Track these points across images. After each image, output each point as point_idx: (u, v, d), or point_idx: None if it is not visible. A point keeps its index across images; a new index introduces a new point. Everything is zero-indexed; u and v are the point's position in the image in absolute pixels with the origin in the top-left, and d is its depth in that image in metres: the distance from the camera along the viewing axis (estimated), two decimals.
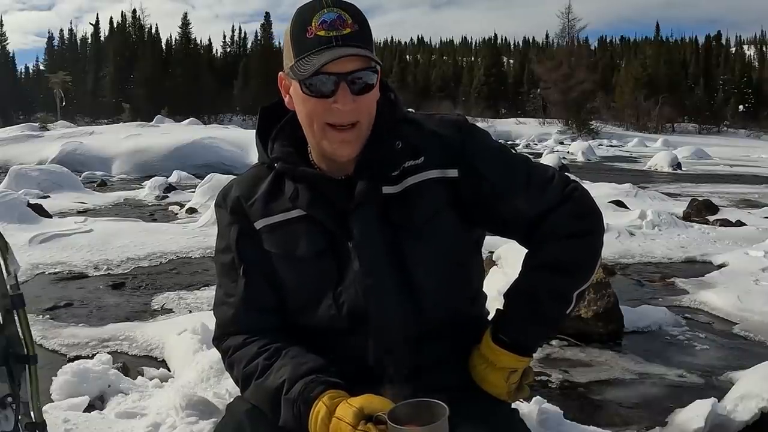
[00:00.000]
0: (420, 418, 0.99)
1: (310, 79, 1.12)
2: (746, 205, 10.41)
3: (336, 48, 1.10)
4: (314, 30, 1.12)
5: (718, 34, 74.27)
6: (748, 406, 2.50)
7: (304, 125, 1.20)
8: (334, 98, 1.13)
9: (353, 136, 1.17)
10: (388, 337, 1.21)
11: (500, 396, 1.24)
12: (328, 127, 1.15)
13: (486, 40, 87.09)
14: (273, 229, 1.24)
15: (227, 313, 1.27)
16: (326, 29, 1.11)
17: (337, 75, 1.12)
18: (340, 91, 1.12)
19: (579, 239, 1.23)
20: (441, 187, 1.22)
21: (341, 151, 1.17)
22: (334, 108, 1.13)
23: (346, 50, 1.10)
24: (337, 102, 1.13)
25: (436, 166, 1.22)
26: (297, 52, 1.14)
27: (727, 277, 5.01)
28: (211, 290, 4.59)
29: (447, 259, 1.23)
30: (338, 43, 1.11)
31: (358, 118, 1.16)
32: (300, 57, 1.13)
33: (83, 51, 75.98)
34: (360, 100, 1.14)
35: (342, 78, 1.12)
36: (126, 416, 2.50)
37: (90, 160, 16.19)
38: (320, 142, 1.18)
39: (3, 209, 6.90)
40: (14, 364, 1.48)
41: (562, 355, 3.54)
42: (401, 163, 1.22)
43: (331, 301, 1.21)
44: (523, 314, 1.23)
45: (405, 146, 1.22)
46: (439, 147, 1.23)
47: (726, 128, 54.00)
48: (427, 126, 1.26)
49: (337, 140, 1.16)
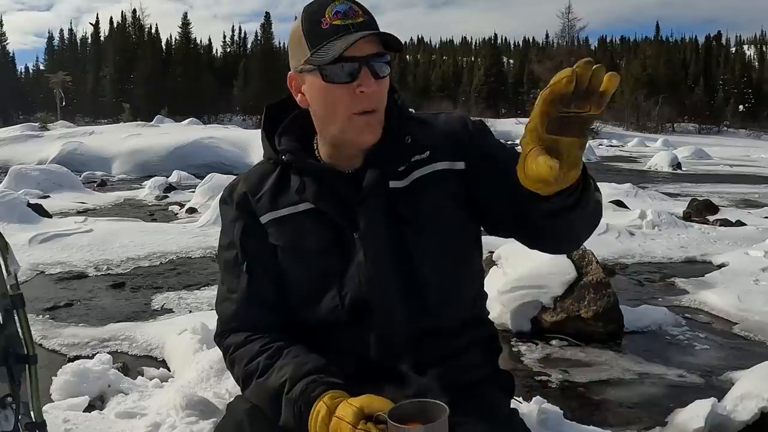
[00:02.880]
0: (420, 418, 0.99)
1: (331, 67, 1.13)
2: (746, 205, 10.41)
3: (355, 33, 1.12)
4: (329, 20, 1.14)
5: (718, 34, 74.46)
6: (748, 406, 2.50)
7: (324, 117, 1.20)
8: (358, 81, 1.14)
9: (376, 121, 1.18)
10: (391, 330, 1.21)
11: None
12: (353, 116, 1.16)
13: (486, 40, 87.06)
14: (280, 222, 1.25)
15: (229, 309, 1.27)
16: (341, 18, 1.13)
17: (358, 59, 1.13)
18: (363, 74, 1.14)
19: None
20: (448, 178, 1.23)
21: (366, 136, 1.18)
22: (357, 92, 1.14)
23: (367, 32, 1.12)
24: (362, 85, 1.14)
25: (444, 158, 1.23)
26: (313, 44, 1.15)
27: (727, 277, 5.01)
28: (212, 290, 4.60)
29: (451, 253, 1.23)
30: (355, 29, 1.13)
31: (379, 104, 1.17)
32: (318, 47, 1.14)
33: (83, 51, 76.06)
34: (380, 84, 1.16)
35: (363, 62, 1.13)
36: (126, 416, 2.50)
37: (90, 160, 16.19)
38: (345, 131, 1.18)
39: (3, 209, 6.91)
40: (14, 364, 1.48)
41: (562, 355, 3.54)
42: (409, 158, 1.23)
43: (335, 293, 1.21)
44: None
45: (413, 141, 1.24)
46: (446, 141, 1.24)
47: (726, 128, 54.06)
48: (433, 123, 1.29)
49: (362, 124, 1.16)
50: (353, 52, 1.12)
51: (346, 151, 1.23)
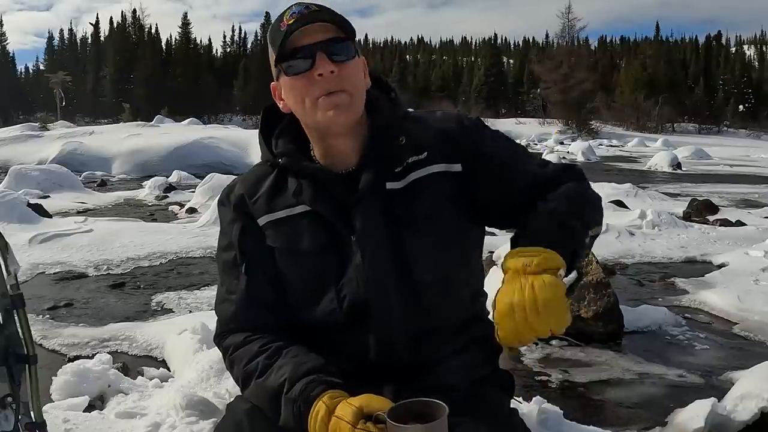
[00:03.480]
0: (420, 417, 0.99)
1: (290, 61, 1.18)
2: (746, 205, 10.41)
3: (302, 20, 1.16)
4: (286, 22, 1.18)
5: (718, 34, 74.36)
6: (748, 406, 2.50)
7: (300, 113, 1.22)
8: (315, 68, 1.16)
9: (344, 100, 1.18)
10: (390, 332, 1.21)
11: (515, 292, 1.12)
12: (317, 101, 1.18)
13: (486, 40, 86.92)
14: (277, 224, 1.25)
15: (228, 310, 1.27)
16: (296, 16, 1.17)
17: (311, 45, 1.16)
18: (318, 60, 1.16)
19: (583, 184, 1.28)
20: (445, 181, 1.23)
21: (336, 117, 1.18)
22: (316, 77, 1.16)
23: (312, 17, 1.16)
24: (318, 69, 1.16)
25: (441, 160, 1.23)
26: (274, 46, 1.19)
27: (727, 277, 5.01)
28: (211, 290, 4.60)
29: (449, 254, 1.23)
30: (307, 22, 1.16)
31: (343, 86, 1.18)
32: (278, 48, 1.18)
33: (83, 51, 75.99)
34: (342, 68, 1.17)
35: (317, 48, 1.16)
36: (126, 416, 2.50)
37: (90, 160, 16.19)
38: (315, 118, 1.19)
39: (3, 209, 6.91)
40: (14, 364, 1.48)
41: (562, 355, 3.54)
42: (405, 158, 1.23)
43: (333, 295, 1.21)
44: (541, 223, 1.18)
45: (408, 142, 1.23)
46: (442, 141, 1.24)
47: (726, 128, 53.98)
48: (429, 122, 1.29)
49: (329, 106, 1.17)
50: (305, 40, 1.16)
51: (334, 145, 1.23)
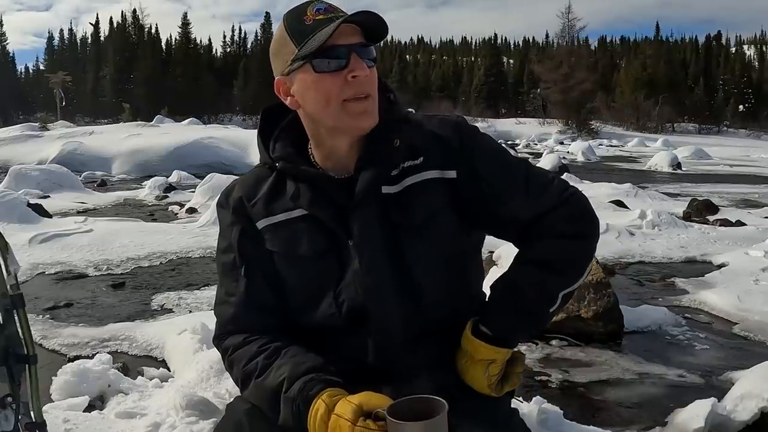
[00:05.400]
0: (419, 414, 0.99)
1: (320, 59, 1.14)
2: (746, 205, 10.41)
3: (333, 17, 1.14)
4: (311, 17, 1.15)
5: (718, 34, 74.38)
6: (748, 406, 2.50)
7: (317, 111, 1.19)
8: (350, 67, 1.14)
9: (371, 105, 1.18)
10: (388, 336, 1.21)
11: (482, 390, 1.23)
12: (346, 103, 1.16)
13: (486, 40, 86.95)
14: (275, 228, 1.25)
15: (228, 312, 1.27)
16: (323, 13, 1.15)
17: (347, 46, 1.14)
18: (353, 60, 1.15)
19: (571, 240, 1.23)
20: (440, 187, 1.22)
21: (363, 122, 1.18)
22: (349, 78, 1.14)
23: (351, 18, 1.13)
24: (354, 70, 1.14)
25: (436, 166, 1.22)
26: (299, 40, 1.15)
27: (727, 277, 5.01)
28: (211, 290, 4.60)
29: (446, 258, 1.23)
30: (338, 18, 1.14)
31: (371, 89, 1.18)
32: (304, 41, 1.14)
33: (83, 51, 75.97)
34: (371, 71, 1.17)
35: (352, 48, 1.15)
36: (126, 416, 2.50)
37: (90, 160, 16.17)
38: (340, 119, 1.17)
39: (3, 209, 6.90)
40: (14, 364, 1.48)
41: (562, 355, 3.54)
42: (401, 162, 1.22)
43: (331, 300, 1.21)
44: (505, 305, 1.24)
45: (404, 145, 1.23)
46: (438, 148, 1.23)
47: (726, 128, 53.97)
48: (427, 127, 1.27)
49: (358, 111, 1.16)
50: (340, 41, 1.13)
51: (337, 146, 1.22)
